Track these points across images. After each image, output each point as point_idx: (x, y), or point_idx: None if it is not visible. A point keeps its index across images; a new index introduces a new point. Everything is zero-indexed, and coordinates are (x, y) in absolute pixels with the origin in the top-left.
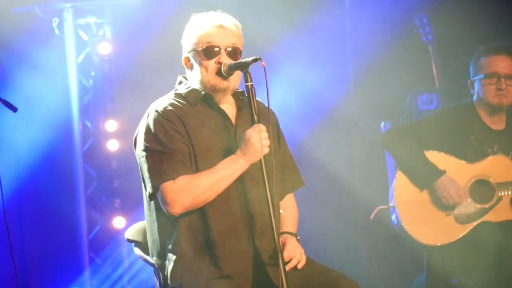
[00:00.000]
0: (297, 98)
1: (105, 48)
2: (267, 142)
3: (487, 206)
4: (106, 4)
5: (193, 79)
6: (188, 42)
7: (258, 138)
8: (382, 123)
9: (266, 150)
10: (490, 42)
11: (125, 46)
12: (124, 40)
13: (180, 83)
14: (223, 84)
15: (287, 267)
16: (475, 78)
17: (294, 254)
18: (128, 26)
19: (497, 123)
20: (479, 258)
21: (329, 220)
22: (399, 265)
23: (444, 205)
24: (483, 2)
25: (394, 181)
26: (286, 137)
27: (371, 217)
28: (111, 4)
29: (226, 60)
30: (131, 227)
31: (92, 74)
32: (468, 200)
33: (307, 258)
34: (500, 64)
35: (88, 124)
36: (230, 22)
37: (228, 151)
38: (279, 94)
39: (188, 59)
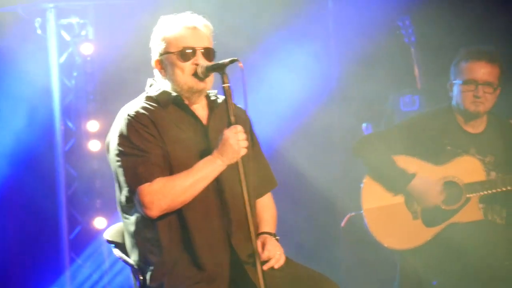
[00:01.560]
0: (277, 101)
1: (87, 49)
2: (245, 143)
3: (455, 208)
4: (89, 4)
5: (166, 81)
6: (159, 45)
7: (236, 139)
8: (364, 125)
9: (244, 151)
10: (471, 45)
11: (107, 47)
12: (106, 41)
13: (151, 85)
14: (200, 85)
15: (266, 266)
16: (454, 82)
17: (274, 254)
18: (111, 27)
19: (475, 126)
20: (451, 258)
21: (307, 224)
22: (377, 269)
23: (412, 209)
24: (465, 5)
25: (361, 187)
26: (264, 140)
27: (342, 224)
28: (94, 4)
29: (203, 62)
30: (110, 228)
31: (74, 74)
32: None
33: (287, 258)
34: (479, 70)
35: (69, 124)
36: (202, 23)
37: (202, 152)
38: (258, 97)
39: (160, 62)
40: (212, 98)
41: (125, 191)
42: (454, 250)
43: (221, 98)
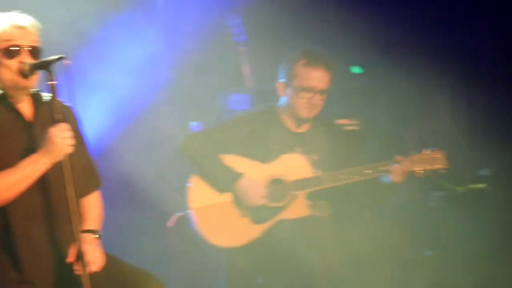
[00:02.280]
0: (106, 100)
1: None
2: (70, 141)
3: (282, 205)
4: None
5: None
6: None
7: (61, 137)
8: (193, 124)
9: (69, 149)
10: (300, 45)
11: None
12: None
13: None
14: (24, 83)
15: (87, 268)
16: (289, 85)
17: (93, 257)
18: None
19: (302, 126)
20: (279, 256)
21: (134, 223)
22: (205, 268)
23: (240, 207)
24: (295, 6)
25: (188, 187)
26: (93, 139)
27: (169, 224)
28: None
29: (28, 60)
30: None
31: None
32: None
33: (112, 256)
34: (317, 78)
35: None
36: (29, 22)
37: (26, 151)
38: (87, 95)
39: None
40: (38, 96)
41: None
42: (282, 247)
43: (47, 96)
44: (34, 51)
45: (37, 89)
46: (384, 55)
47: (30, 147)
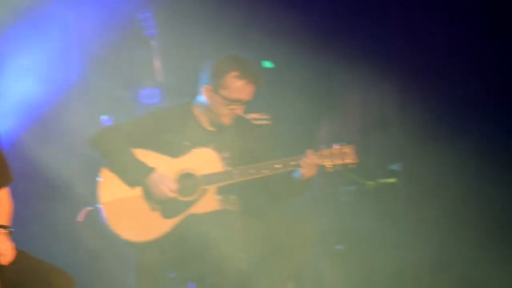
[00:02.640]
0: (17, 94)
1: None
2: None
3: (192, 199)
4: None
5: None
6: None
7: None
8: (103, 117)
9: None
10: (213, 40)
11: None
12: None
13: None
14: None
15: None
16: (215, 93)
17: (3, 251)
18: None
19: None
20: (189, 250)
21: (46, 218)
22: (115, 262)
23: (151, 201)
24: (207, 1)
25: (98, 181)
26: (3, 134)
27: (79, 219)
28: None
29: None
30: None
31: None
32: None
33: (22, 252)
34: (247, 92)
35: None
36: None
37: None
38: None
39: None
40: None
41: None
42: (192, 241)
43: None
44: None
45: None
46: (294, 50)
47: None
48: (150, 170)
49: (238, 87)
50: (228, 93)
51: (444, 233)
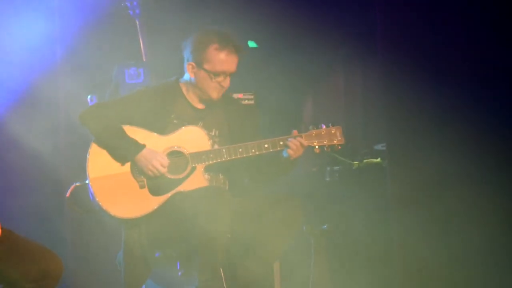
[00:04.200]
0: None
1: None
2: None
3: (181, 177)
4: None
5: None
6: None
7: None
8: (89, 97)
9: None
10: (198, 20)
11: None
12: None
13: None
14: None
15: None
16: (199, 66)
17: None
18: None
19: (204, 103)
20: (177, 228)
21: (32, 195)
22: (102, 239)
23: (139, 177)
24: None
25: (87, 157)
26: None
27: (67, 194)
28: None
29: None
30: None
31: None
32: None
33: (7, 231)
34: (229, 62)
35: None
36: None
37: None
38: None
39: None
40: None
41: None
42: (179, 219)
43: None
44: None
45: None
46: (278, 29)
47: None
48: (141, 147)
49: (220, 59)
50: (211, 66)
51: (430, 212)
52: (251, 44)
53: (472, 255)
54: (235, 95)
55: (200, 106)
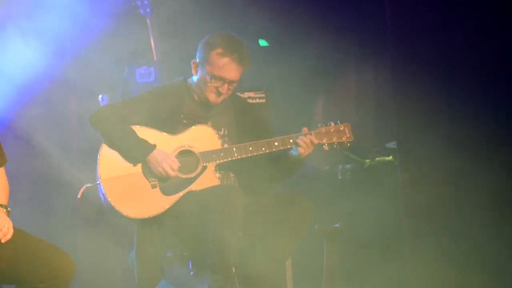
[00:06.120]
0: (11, 74)
1: None
2: None
3: (192, 176)
4: None
5: None
6: None
7: None
8: (100, 96)
9: None
10: (210, 22)
11: None
12: None
13: None
14: None
15: None
16: (201, 67)
17: (1, 227)
18: None
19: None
20: (188, 228)
21: (42, 196)
22: (115, 240)
23: (151, 178)
24: None
25: (98, 158)
26: None
27: (79, 196)
28: None
29: None
30: None
31: None
32: None
33: (20, 230)
34: (229, 70)
35: None
36: None
37: None
38: None
39: None
40: None
41: None
42: (192, 218)
43: None
44: None
45: None
46: (289, 28)
47: None
48: (152, 147)
49: (220, 64)
50: (210, 69)
51: (443, 211)
52: (262, 42)
53: (485, 252)
54: (246, 94)
55: (207, 105)
